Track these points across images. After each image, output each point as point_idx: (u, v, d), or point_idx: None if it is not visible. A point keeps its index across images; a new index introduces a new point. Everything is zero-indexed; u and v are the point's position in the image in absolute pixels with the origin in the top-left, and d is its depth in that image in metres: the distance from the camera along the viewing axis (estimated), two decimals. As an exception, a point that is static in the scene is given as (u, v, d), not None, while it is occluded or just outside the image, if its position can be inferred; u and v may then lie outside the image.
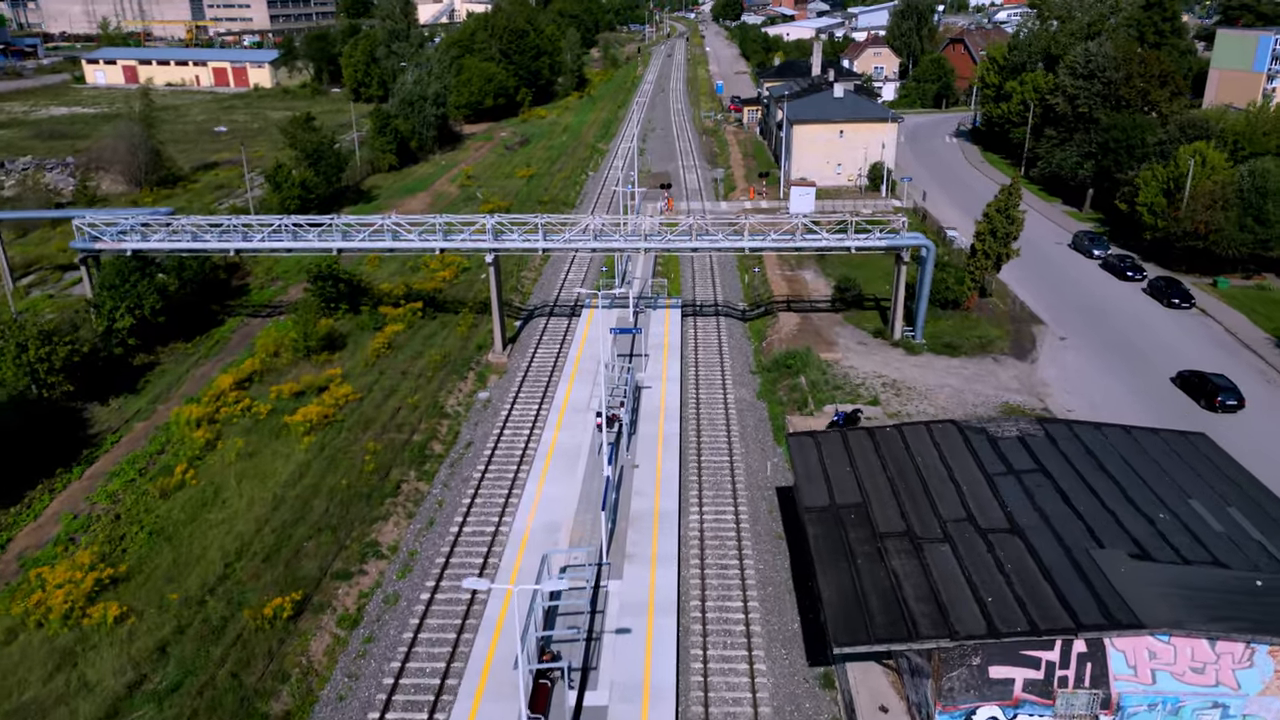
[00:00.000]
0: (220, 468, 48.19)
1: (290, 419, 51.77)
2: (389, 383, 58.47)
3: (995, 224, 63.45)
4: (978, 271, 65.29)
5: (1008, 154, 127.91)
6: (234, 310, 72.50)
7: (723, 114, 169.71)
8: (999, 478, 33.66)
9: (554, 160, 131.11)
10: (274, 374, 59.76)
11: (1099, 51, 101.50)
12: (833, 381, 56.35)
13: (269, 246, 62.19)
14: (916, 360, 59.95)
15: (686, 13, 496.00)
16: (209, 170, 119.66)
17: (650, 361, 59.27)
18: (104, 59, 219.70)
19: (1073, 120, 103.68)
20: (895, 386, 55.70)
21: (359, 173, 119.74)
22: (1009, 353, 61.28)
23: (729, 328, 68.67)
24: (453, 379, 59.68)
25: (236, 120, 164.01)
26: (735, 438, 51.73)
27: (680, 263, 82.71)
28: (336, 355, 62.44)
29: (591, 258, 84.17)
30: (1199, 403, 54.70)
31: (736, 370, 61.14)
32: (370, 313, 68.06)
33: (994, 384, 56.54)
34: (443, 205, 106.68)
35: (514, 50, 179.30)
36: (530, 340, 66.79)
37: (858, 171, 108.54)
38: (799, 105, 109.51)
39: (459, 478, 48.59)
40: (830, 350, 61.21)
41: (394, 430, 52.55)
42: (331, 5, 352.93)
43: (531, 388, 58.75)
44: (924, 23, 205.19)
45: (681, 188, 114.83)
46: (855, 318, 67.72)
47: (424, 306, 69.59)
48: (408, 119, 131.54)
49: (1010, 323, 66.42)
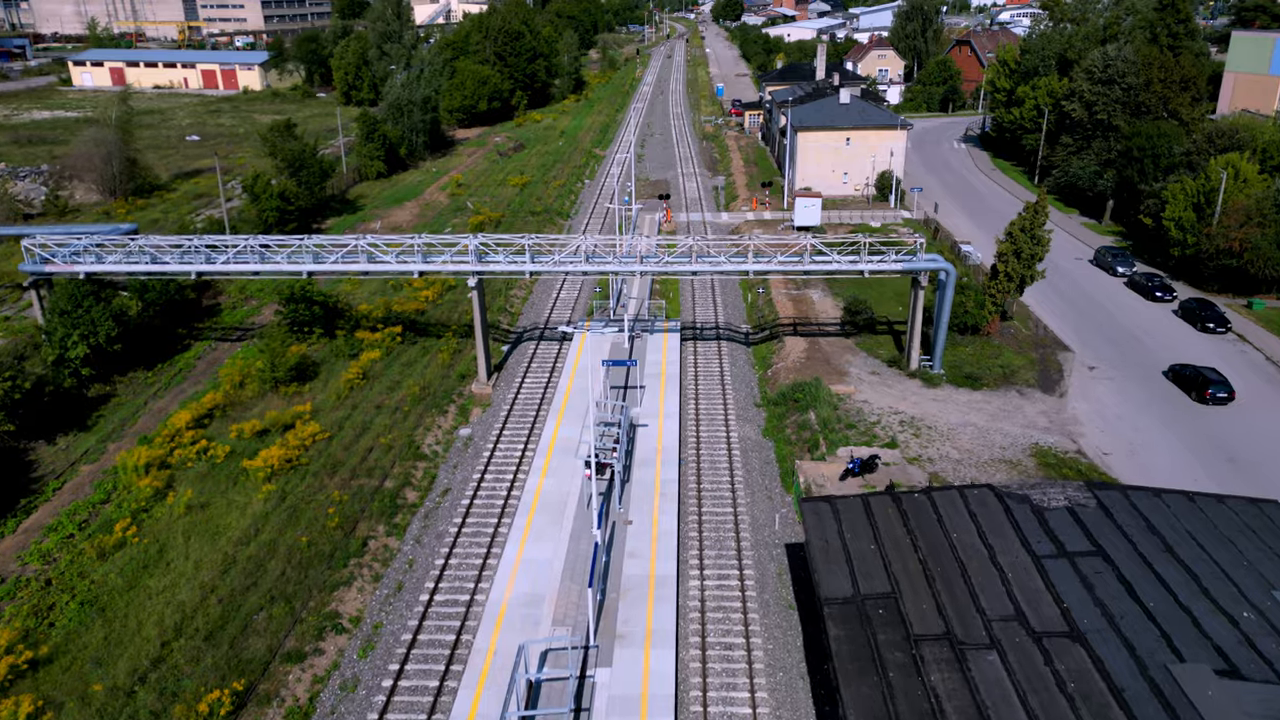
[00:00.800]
0: (168, 522, 43.42)
1: (249, 463, 47.01)
2: (362, 418, 53.72)
3: (1019, 244, 58.74)
4: (999, 295, 60.58)
5: (1019, 161, 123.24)
6: (202, 333, 67.73)
7: (723, 118, 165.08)
8: (1050, 562, 28.98)
9: (549, 167, 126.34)
10: (238, 408, 55.00)
11: (1118, 55, 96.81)
12: (845, 419, 51.61)
13: (234, 269, 57.44)
14: (935, 394, 55.21)
15: (686, 13, 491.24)
16: (189, 178, 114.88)
17: (646, 394, 54.55)
18: (91, 61, 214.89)
19: (1090, 127, 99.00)
20: (914, 425, 50.93)
21: (345, 181, 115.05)
22: (1035, 384, 56.54)
23: (731, 353, 63.95)
24: (432, 413, 54.93)
25: (223, 124, 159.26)
26: (739, 484, 46.98)
27: (680, 281, 77.95)
28: (307, 387, 57.66)
29: (585, 276, 79.43)
30: (1190, 395, 55.31)
31: (740, 403, 56.42)
32: (346, 338, 63.32)
33: (1021, 421, 51.79)
34: (431, 215, 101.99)
35: (509, 52, 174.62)
36: (518, 367, 62.08)
37: (865, 180, 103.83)
38: (803, 111, 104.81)
39: (433, 533, 43.83)
40: (841, 381, 56.47)
41: (364, 475, 47.79)
42: (327, 6, 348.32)
43: (517, 423, 54.01)
44: (929, 24, 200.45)
45: (681, 197, 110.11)
46: (867, 343, 62.99)
47: (404, 331, 64.80)
48: (397, 124, 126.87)
49: (1034, 349, 61.69)
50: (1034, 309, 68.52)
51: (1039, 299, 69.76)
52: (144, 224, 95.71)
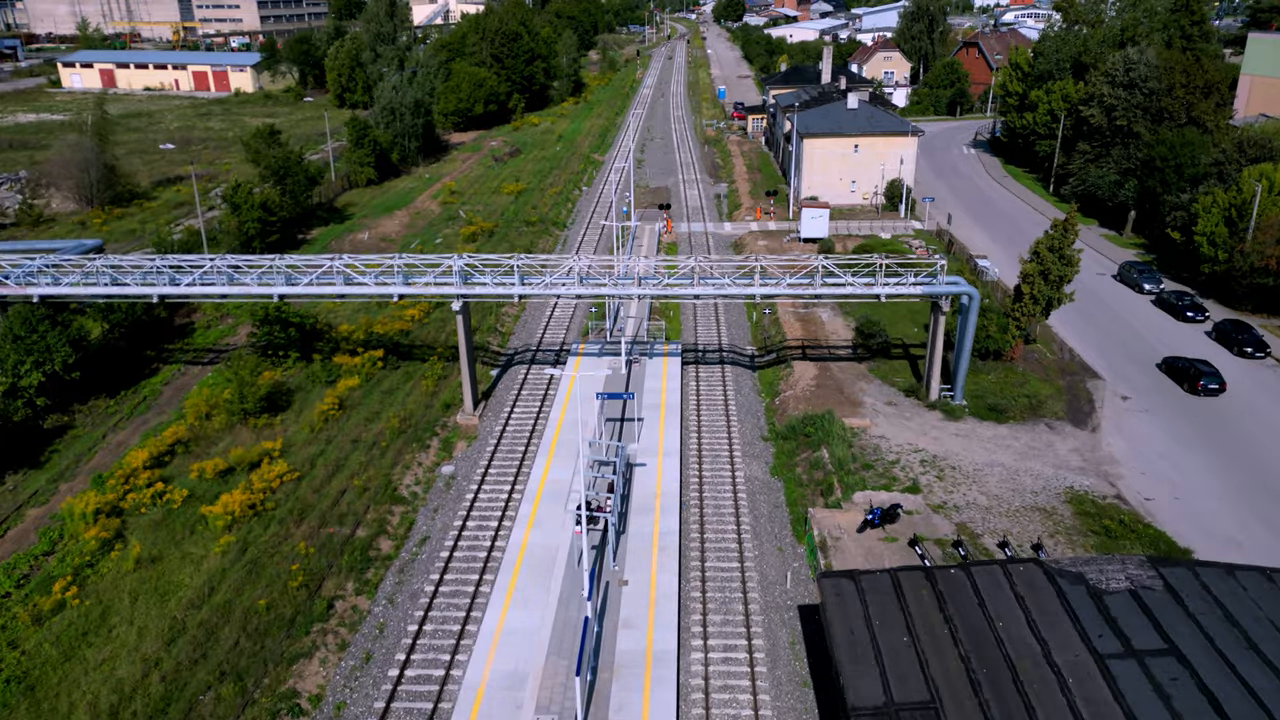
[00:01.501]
0: (114, 579, 39.25)
1: (208, 510, 42.84)
2: (336, 455, 49.53)
3: (1047, 265, 54.53)
4: (1024, 319, 56.36)
5: (1032, 167, 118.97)
6: (172, 356, 63.60)
7: (725, 122, 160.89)
8: (1116, 663, 24.84)
9: (545, 174, 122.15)
10: (203, 442, 50.83)
11: (1140, 59, 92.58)
12: (861, 457, 47.40)
13: (199, 292, 53.25)
14: (958, 428, 50.99)
15: (687, 13, 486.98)
16: (172, 185, 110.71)
17: (645, 427, 50.38)
18: (80, 62, 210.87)
19: (1109, 134, 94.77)
20: (936, 465, 46.71)
21: (333, 189, 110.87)
22: (1065, 417, 52.31)
23: (736, 379, 59.75)
24: (412, 449, 50.74)
25: (211, 128, 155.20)
26: (747, 533, 42.78)
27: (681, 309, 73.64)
28: (279, 419, 53.46)
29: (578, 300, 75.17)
30: (1183, 387, 56.24)
31: (746, 436, 52.22)
32: (324, 363, 59.13)
33: (1052, 460, 47.57)
34: (422, 225, 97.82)
35: (506, 54, 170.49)
36: (507, 394, 57.89)
37: (874, 189, 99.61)
38: (809, 117, 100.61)
39: (407, 591, 39.63)
40: (856, 413, 52.27)
41: (335, 521, 43.61)
42: (324, 6, 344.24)
43: (504, 461, 49.81)
44: (936, 25, 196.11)
45: (681, 206, 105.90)
46: (882, 369, 58.78)
47: (386, 355, 60.58)
48: (389, 128, 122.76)
49: (1061, 376, 57.48)
50: (1058, 330, 64.32)
51: (1062, 318, 65.49)
52: (120, 234, 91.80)
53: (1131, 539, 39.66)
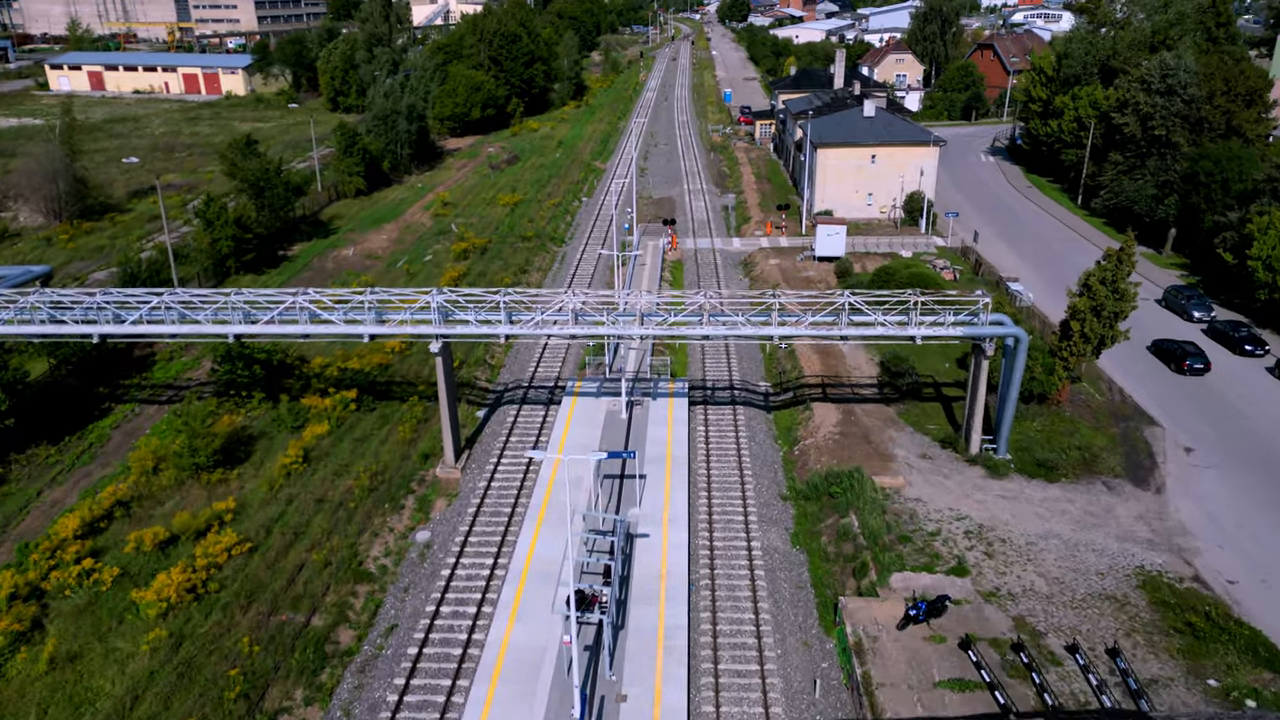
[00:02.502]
0: (22, 685, 33.35)
1: (140, 595, 36.91)
2: (297, 518, 43.59)
3: (1099, 300, 48.44)
4: (1073, 359, 50.26)
5: (1057, 177, 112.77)
6: (127, 393, 57.70)
7: (732, 127, 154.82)
8: None
9: (544, 183, 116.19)
10: (147, 503, 44.93)
11: (1178, 64, 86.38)
12: (897, 526, 41.36)
13: (146, 331, 47.26)
14: (1003, 487, 44.94)
15: (691, 14, 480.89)
16: (149, 196, 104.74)
17: (648, 487, 44.43)
18: (69, 64, 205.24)
19: (1145, 144, 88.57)
20: (984, 538, 40.64)
21: (319, 200, 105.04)
22: (1123, 474, 46.21)
23: (749, 423, 53.72)
24: (384, 510, 44.78)
25: (199, 133, 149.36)
26: (766, 625, 36.76)
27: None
28: (236, 473, 47.53)
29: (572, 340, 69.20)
30: (1170, 367, 59.13)
31: (762, 496, 46.21)
32: (290, 405, 53.16)
33: (1115, 531, 41.49)
34: (411, 240, 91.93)
35: (505, 56, 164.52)
36: (494, 440, 51.93)
37: (892, 202, 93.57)
38: (823, 125, 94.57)
39: (366, 701, 33.62)
40: (886, 469, 46.22)
41: (288, 605, 37.67)
42: (323, 6, 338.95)
43: (487, 526, 43.81)
44: (949, 26, 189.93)
45: (687, 219, 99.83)
46: (913, 414, 52.71)
47: (360, 395, 54.55)
48: (380, 135, 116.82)
49: (1114, 422, 51.38)
50: (1103, 364, 58.19)
51: (1108, 351, 59.38)
52: (88, 251, 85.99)
53: (1223, 641, 33.62)
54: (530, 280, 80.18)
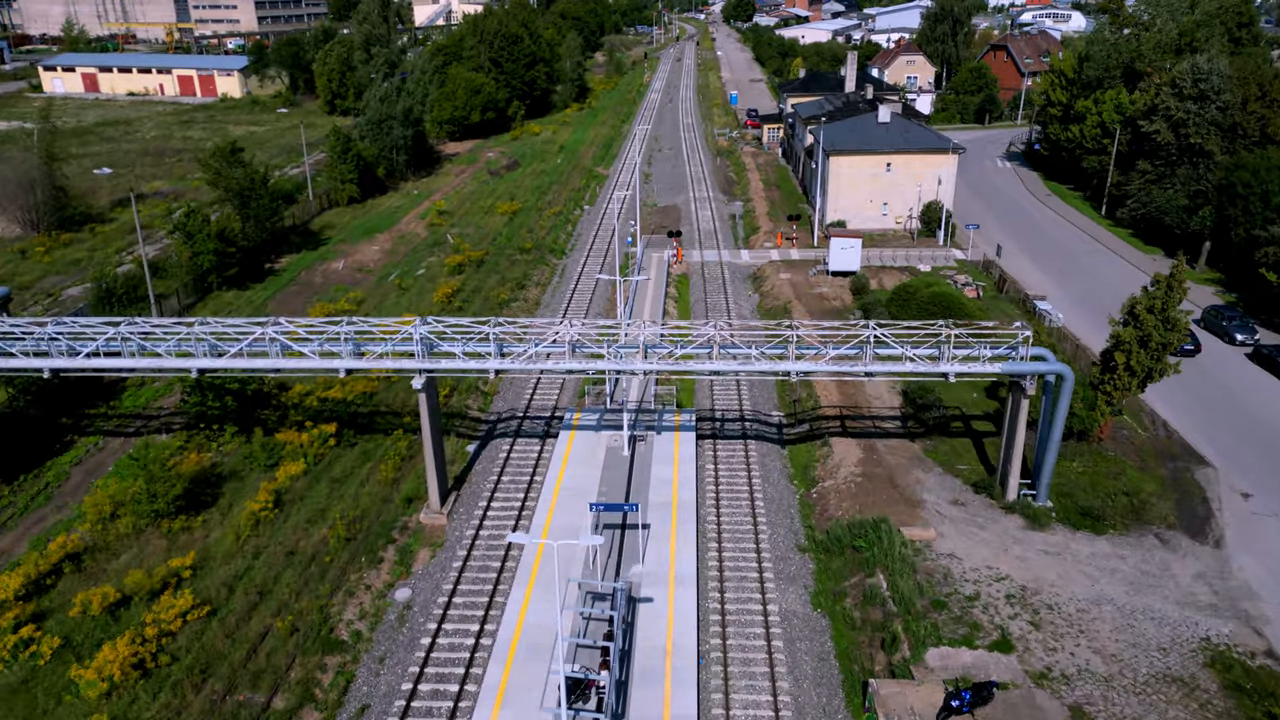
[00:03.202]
0: (-64, 786, 29.29)
1: (80, 673, 32.79)
2: (263, 574, 39.45)
3: (1147, 330, 44.13)
4: (1117, 394, 45.92)
5: (1078, 184, 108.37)
6: (93, 424, 53.62)
7: (738, 130, 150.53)
8: None
9: (544, 190, 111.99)
10: (102, 555, 40.84)
11: (1211, 68, 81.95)
12: (930, 588, 37.11)
13: (101, 365, 43.17)
14: (1046, 540, 40.64)
15: (696, 13, 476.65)
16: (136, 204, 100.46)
17: (652, 539, 40.22)
18: (62, 66, 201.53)
19: (1175, 152, 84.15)
20: (1028, 603, 36.36)
21: (310, 208, 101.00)
22: (1177, 525, 41.89)
23: (762, 460, 49.46)
24: (360, 564, 40.63)
25: (190, 138, 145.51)
26: (787, 710, 32.44)
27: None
28: (200, 519, 43.40)
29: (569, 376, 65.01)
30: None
31: (778, 545, 41.97)
32: (265, 440, 48.98)
33: (1174, 594, 37.19)
34: (404, 252, 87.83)
35: (506, 58, 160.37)
36: (484, 481, 47.74)
37: (908, 213, 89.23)
38: (835, 131, 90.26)
39: (330, 805, 29.51)
40: (915, 518, 41.97)
41: (247, 683, 33.50)
42: (324, 6, 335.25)
43: (473, 584, 39.60)
44: (960, 27, 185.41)
45: (693, 229, 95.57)
46: (941, 451, 48.43)
47: (340, 429, 50.37)
48: (375, 140, 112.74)
49: (1160, 462, 47.06)
50: (1144, 396, 53.80)
51: (1148, 380, 55.05)
52: (64, 265, 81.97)
53: (1313, 739, 29.38)
54: (528, 296, 76.03)
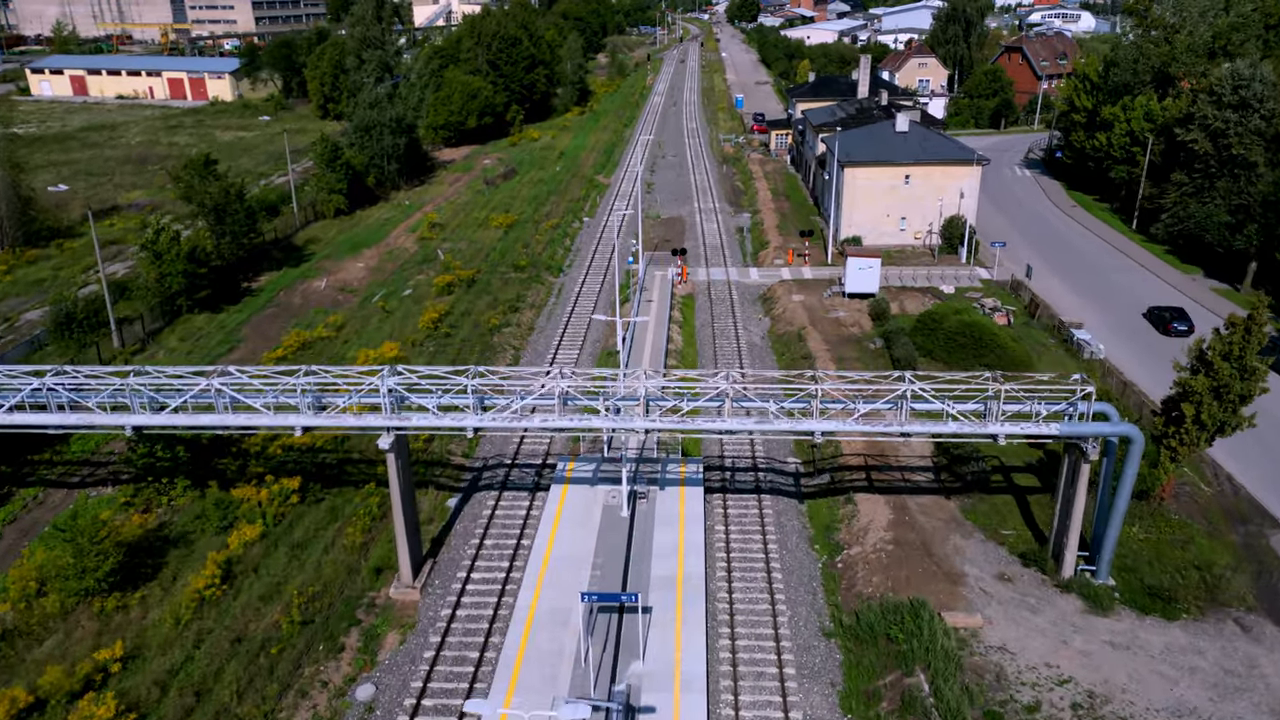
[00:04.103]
0: None
1: (-31, 809, 27.52)
2: (205, 667, 34.06)
3: (1221, 379, 38.67)
4: (1184, 450, 40.40)
5: (1103, 195, 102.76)
6: (35, 472, 48.29)
7: (744, 136, 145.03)
8: None
9: (542, 201, 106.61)
10: (24, 640, 35.48)
11: (1253, 74, 76.40)
12: (979, 694, 31.62)
13: (21, 422, 37.69)
14: (1111, 629, 35.13)
15: (700, 14, 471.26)
16: (108, 217, 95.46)
17: (655, 626, 34.81)
18: (50, 68, 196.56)
19: (1215, 164, 78.60)
20: (1097, 713, 30.85)
21: (295, 220, 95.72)
22: (1258, 607, 36.37)
23: (778, 519, 43.96)
24: (318, 653, 35.23)
25: (176, 144, 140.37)
26: None
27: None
28: (139, 595, 38.02)
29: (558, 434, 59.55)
30: (1158, 330, 64.80)
31: (800, 630, 36.50)
32: (219, 497, 43.60)
33: (1266, 699, 31.68)
34: (391, 269, 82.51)
35: (504, 61, 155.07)
36: (465, 543, 42.35)
37: (928, 228, 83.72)
38: (850, 141, 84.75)
39: None
40: (957, 598, 36.50)
41: (174, 817, 28.15)
42: (323, 6, 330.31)
43: (447, 681, 34.16)
44: (973, 28, 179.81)
45: (698, 244, 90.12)
46: (981, 511, 42.96)
47: (305, 483, 44.98)
48: (364, 148, 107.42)
49: (1230, 525, 41.54)
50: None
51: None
52: (25, 286, 76.55)
53: None
54: (521, 320, 70.64)
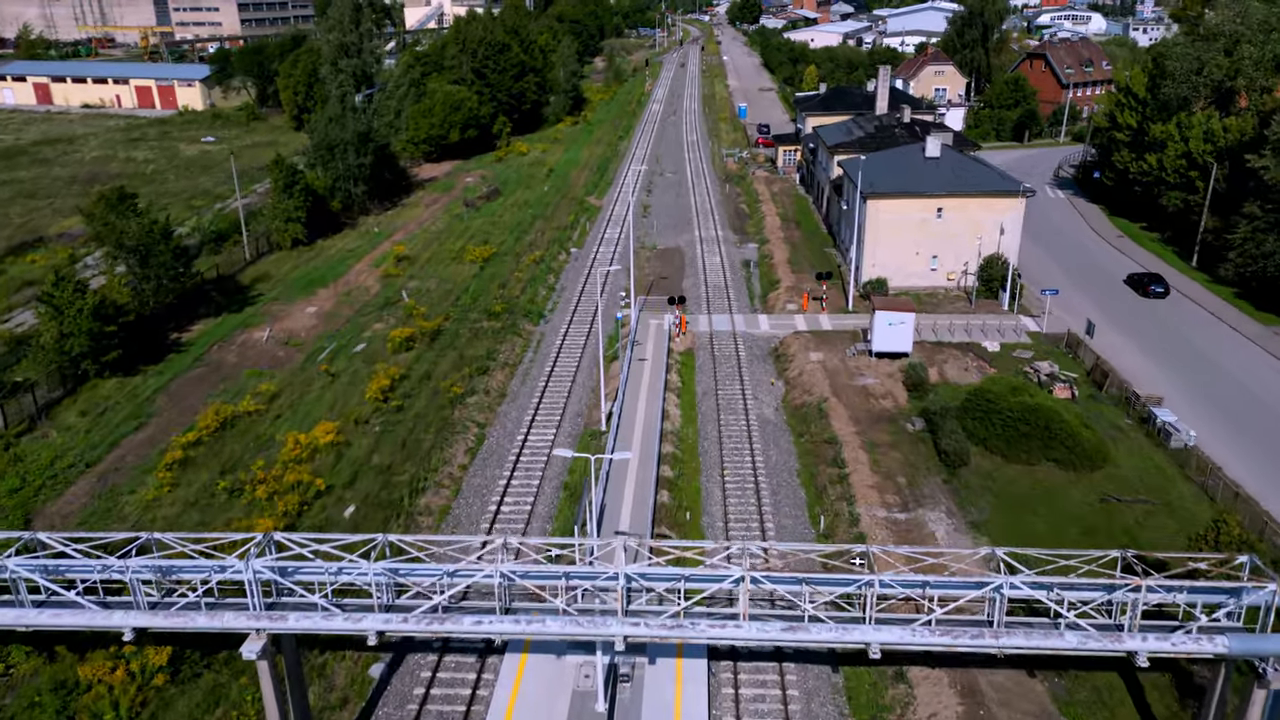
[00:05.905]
0: None
1: None
2: None
3: None
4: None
5: (1151, 222, 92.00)
6: None
7: (749, 150, 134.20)
8: None
9: (526, 228, 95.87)
10: None
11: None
12: None
13: None
14: None
15: (700, 15, 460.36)
16: (31, 250, 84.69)
17: None
18: (13, 75, 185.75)
19: (1297, 196, 67.84)
20: None
21: (244, 254, 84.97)
22: None
23: (807, 704, 33.05)
24: None
25: (135, 159, 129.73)
26: None
27: (704, 496, 47.07)
28: None
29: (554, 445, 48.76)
30: (1137, 292, 71.48)
31: None
32: (61, 675, 32.70)
33: None
34: (347, 315, 71.79)
35: (491, 69, 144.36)
36: (390, 741, 31.48)
37: (963, 268, 72.87)
38: (873, 168, 73.92)
39: None
40: None
41: None
42: (311, 9, 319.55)
43: None
44: (990, 33, 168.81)
45: (699, 283, 79.25)
46: (1079, 699, 32.05)
47: (181, 651, 34.07)
48: (327, 168, 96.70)
49: None
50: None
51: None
52: (-87, 340, 65.99)
53: None
54: (491, 385, 59.80)
